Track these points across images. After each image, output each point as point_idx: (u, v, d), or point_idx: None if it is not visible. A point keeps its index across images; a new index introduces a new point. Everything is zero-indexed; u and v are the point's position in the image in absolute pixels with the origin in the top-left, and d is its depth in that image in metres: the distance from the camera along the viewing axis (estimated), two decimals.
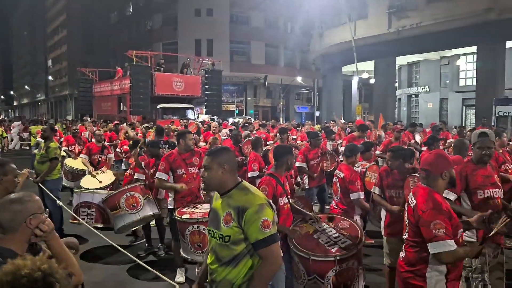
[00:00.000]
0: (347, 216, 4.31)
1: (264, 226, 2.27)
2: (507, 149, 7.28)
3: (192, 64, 24.18)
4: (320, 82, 39.39)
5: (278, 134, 9.49)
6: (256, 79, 41.32)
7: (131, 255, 4.11)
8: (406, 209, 2.90)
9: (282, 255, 3.72)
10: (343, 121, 17.88)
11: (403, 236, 2.94)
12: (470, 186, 3.66)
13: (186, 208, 4.65)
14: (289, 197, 3.98)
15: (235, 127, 12.96)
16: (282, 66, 43.48)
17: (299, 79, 39.33)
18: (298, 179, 6.61)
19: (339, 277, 3.47)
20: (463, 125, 23.26)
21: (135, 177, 6.19)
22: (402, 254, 2.91)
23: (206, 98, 23.60)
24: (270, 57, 43.04)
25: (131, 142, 8.12)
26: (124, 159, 9.52)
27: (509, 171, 6.14)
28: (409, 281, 2.77)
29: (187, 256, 4.43)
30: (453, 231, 2.61)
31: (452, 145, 6.75)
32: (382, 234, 4.41)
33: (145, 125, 12.99)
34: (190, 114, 21.29)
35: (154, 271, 3.64)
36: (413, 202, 2.78)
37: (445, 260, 2.61)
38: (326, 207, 4.96)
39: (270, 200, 2.62)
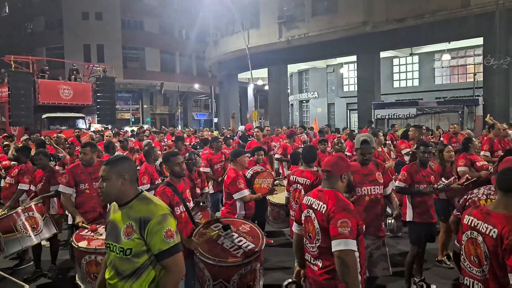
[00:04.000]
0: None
1: (167, 236, 2.26)
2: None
3: (81, 70, 22.71)
4: (217, 89, 39.83)
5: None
6: (152, 86, 40.27)
7: (17, 280, 3.75)
8: (313, 215, 2.85)
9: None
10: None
11: (311, 245, 2.89)
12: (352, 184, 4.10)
13: (86, 231, 4.23)
14: (188, 204, 4.00)
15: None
16: (179, 73, 43.09)
17: (196, 86, 39.29)
18: (207, 188, 6.48)
19: (243, 279, 3.58)
20: (348, 127, 25.45)
21: (19, 187, 5.70)
22: (315, 263, 2.86)
23: (98, 106, 22.22)
24: (166, 64, 42.35)
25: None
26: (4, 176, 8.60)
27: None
28: (330, 287, 2.79)
29: (81, 284, 3.98)
30: (358, 232, 2.71)
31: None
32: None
33: (25, 137, 11.87)
34: (81, 124, 19.89)
35: None
36: (324, 207, 2.78)
37: (344, 257, 2.59)
38: (223, 209, 5.11)
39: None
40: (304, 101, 37.22)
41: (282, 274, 5.23)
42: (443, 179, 5.01)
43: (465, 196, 3.37)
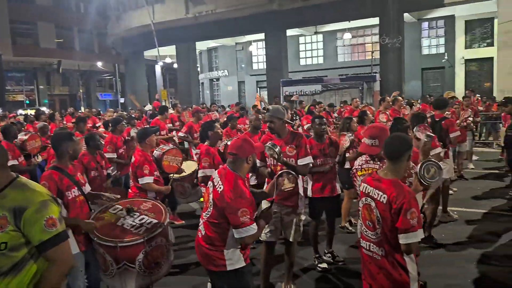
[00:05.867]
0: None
1: (49, 225, 2.01)
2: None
3: None
4: (122, 67, 37.69)
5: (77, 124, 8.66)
6: (48, 65, 36.73)
7: None
8: (212, 190, 3.00)
9: (81, 250, 3.48)
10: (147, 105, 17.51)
11: (204, 213, 3.05)
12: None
13: None
14: (82, 188, 3.68)
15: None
16: (78, 50, 39.78)
17: (99, 64, 36.82)
18: (110, 170, 6.15)
19: (150, 256, 3.45)
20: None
21: None
22: (202, 232, 3.05)
23: None
24: (63, 40, 38.83)
25: None
26: None
27: None
28: (211, 255, 2.98)
29: None
30: (251, 215, 2.88)
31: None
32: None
33: None
34: None
35: None
36: (221, 188, 2.90)
37: (247, 241, 2.89)
38: (130, 191, 4.80)
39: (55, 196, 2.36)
40: (214, 80, 36.95)
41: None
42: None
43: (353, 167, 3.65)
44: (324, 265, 4.90)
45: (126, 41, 31.60)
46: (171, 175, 5.11)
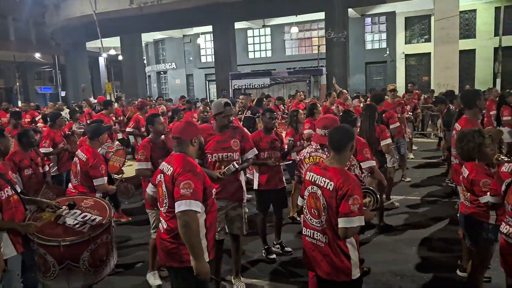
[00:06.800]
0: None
1: None
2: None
3: None
4: (63, 59, 35.79)
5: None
6: None
7: None
8: (163, 179, 2.86)
9: (19, 252, 3.27)
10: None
11: (162, 209, 2.90)
12: (205, 151, 4.00)
13: None
14: (15, 187, 3.46)
15: None
16: (14, 40, 37.29)
17: (37, 55, 34.72)
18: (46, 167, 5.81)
19: (95, 254, 3.37)
20: (207, 98, 25.65)
21: None
22: (163, 226, 2.87)
23: None
24: None
25: None
26: None
27: None
28: (175, 250, 2.78)
29: None
30: (206, 195, 2.75)
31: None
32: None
33: None
34: None
35: None
36: (170, 170, 2.79)
37: (186, 218, 2.59)
38: (72, 190, 4.56)
39: None
40: (162, 72, 36.12)
41: (145, 252, 5.01)
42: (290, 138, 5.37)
43: (298, 157, 3.73)
44: (273, 256, 4.96)
45: (67, 31, 29.97)
46: (115, 175, 4.97)
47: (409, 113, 9.14)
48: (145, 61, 34.82)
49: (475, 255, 3.58)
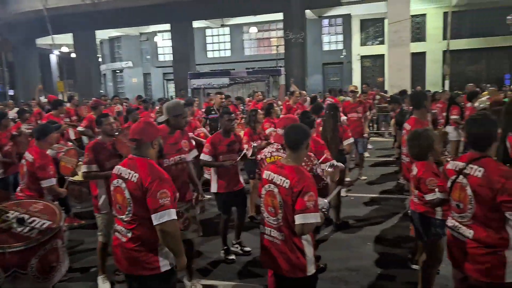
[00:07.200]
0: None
1: None
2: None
3: None
4: (10, 56, 33.96)
5: None
6: None
7: None
8: (123, 185, 2.72)
9: None
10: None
11: (125, 218, 2.74)
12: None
13: None
14: None
15: None
16: None
17: None
18: None
19: (44, 260, 3.22)
20: (165, 97, 25.19)
21: None
22: (126, 235, 2.72)
23: None
24: None
25: None
26: None
27: (201, 134, 7.11)
28: (142, 258, 2.68)
29: None
30: (172, 198, 2.67)
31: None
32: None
33: None
34: None
35: None
36: (135, 177, 2.66)
37: (169, 228, 2.58)
38: (20, 194, 4.33)
39: None
40: (118, 71, 35.17)
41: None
42: (254, 144, 5.36)
43: (259, 156, 3.79)
44: (232, 256, 4.94)
45: (15, 26, 28.47)
46: (70, 177, 4.77)
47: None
48: (100, 59, 33.75)
49: (425, 249, 3.73)
